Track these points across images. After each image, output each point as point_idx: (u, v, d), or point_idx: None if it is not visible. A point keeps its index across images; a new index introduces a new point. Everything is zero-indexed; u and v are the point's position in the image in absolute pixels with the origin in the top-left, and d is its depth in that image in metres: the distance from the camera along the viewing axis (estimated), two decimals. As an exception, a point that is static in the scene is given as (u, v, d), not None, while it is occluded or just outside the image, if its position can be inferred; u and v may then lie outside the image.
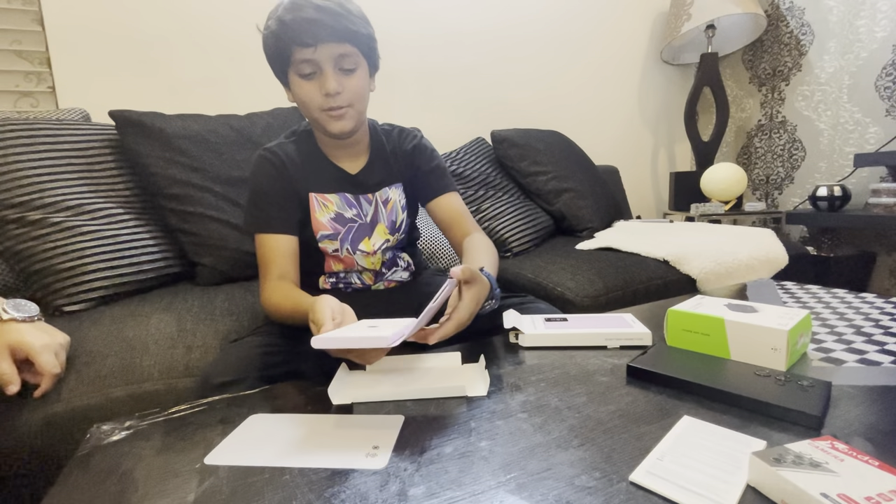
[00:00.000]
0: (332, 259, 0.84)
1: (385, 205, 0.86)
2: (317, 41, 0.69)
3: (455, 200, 0.88)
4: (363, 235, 0.83)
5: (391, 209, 0.86)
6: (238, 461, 0.40)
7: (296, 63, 0.72)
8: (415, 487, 0.35)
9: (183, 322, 0.86)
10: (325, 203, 0.82)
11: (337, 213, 0.82)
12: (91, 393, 0.71)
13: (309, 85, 0.73)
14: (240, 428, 0.46)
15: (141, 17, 1.36)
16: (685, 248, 1.24)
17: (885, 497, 0.29)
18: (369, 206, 0.84)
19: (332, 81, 0.71)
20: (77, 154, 1.05)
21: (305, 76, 0.73)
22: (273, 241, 0.77)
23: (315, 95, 0.73)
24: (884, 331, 0.62)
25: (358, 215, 0.83)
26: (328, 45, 0.70)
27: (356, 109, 0.76)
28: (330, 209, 0.82)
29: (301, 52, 0.70)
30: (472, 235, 0.83)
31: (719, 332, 0.54)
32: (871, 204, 1.68)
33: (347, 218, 0.83)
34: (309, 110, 0.75)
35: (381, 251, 0.85)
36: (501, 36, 1.93)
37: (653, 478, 0.34)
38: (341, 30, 0.70)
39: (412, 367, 0.59)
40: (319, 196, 0.81)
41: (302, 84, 0.73)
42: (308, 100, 0.74)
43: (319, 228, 0.81)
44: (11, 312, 0.66)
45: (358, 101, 0.76)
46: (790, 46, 2.05)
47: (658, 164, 2.42)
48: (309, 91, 0.73)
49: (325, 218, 0.81)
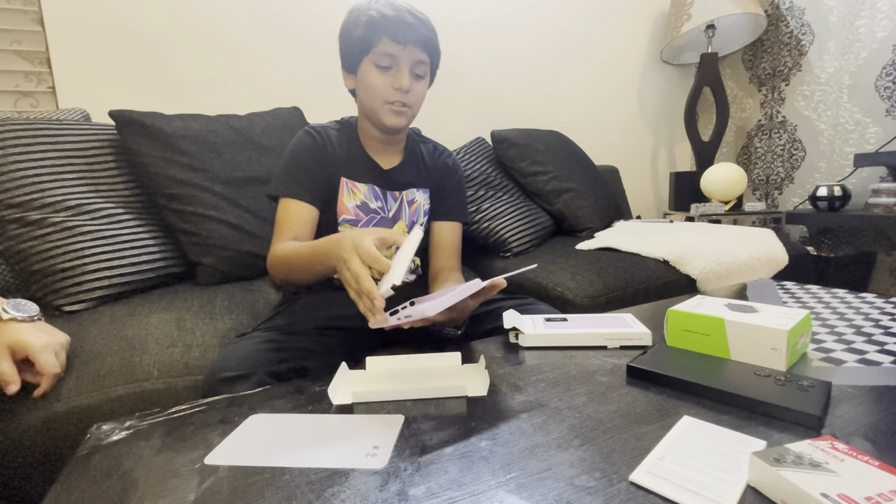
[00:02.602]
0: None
1: (410, 205, 0.89)
2: (407, 42, 0.77)
3: (457, 232, 0.93)
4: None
5: (415, 210, 0.90)
6: (238, 461, 0.40)
7: (378, 53, 0.77)
8: (415, 487, 0.35)
9: (183, 321, 0.86)
10: (354, 190, 0.85)
11: (363, 201, 0.85)
12: (91, 393, 0.71)
13: (382, 76, 0.79)
14: (240, 428, 0.46)
15: (141, 17, 1.36)
16: (685, 248, 1.24)
17: (885, 497, 0.29)
18: (394, 203, 0.88)
19: (406, 79, 0.78)
20: (77, 154, 1.05)
21: (382, 68, 0.78)
22: (295, 206, 0.80)
23: (386, 86, 0.79)
24: (884, 331, 0.62)
25: (382, 208, 0.87)
26: (414, 49, 0.78)
27: (413, 112, 0.83)
28: (357, 196, 0.85)
29: (389, 46, 0.77)
30: (454, 272, 0.88)
31: (719, 332, 0.54)
32: (871, 204, 1.68)
33: (371, 209, 0.86)
34: (373, 98, 0.80)
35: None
36: (501, 36, 1.93)
37: (653, 478, 0.34)
38: (427, 40, 0.79)
39: (412, 367, 0.59)
40: (350, 182, 0.85)
41: (376, 74, 0.79)
42: (379, 88, 0.79)
43: (343, 212, 0.84)
44: (11, 312, 0.66)
45: (417, 105, 0.83)
46: (790, 46, 2.05)
47: (658, 164, 2.42)
48: (381, 81, 0.79)
49: (350, 203, 0.84)
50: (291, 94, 1.54)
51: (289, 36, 1.55)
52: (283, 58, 1.55)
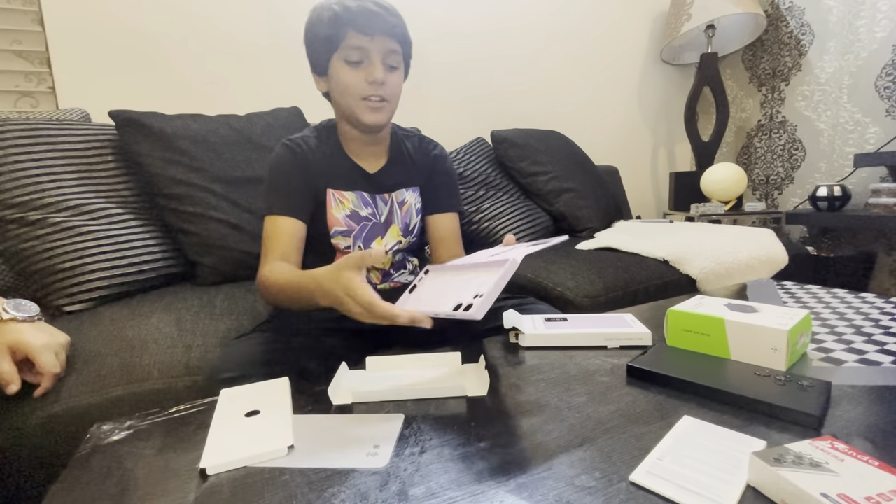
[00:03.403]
0: (343, 255, 0.84)
1: (401, 206, 0.87)
2: (374, 32, 0.73)
3: (455, 221, 0.91)
4: (376, 234, 0.84)
5: (406, 211, 0.87)
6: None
7: (346, 48, 0.74)
8: (415, 487, 0.35)
9: (183, 322, 0.86)
10: (342, 200, 0.83)
11: (353, 210, 0.83)
12: (91, 393, 0.71)
13: (354, 72, 0.76)
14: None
15: (141, 17, 1.36)
16: (685, 248, 1.24)
17: (885, 497, 0.29)
18: (385, 206, 0.85)
19: (379, 70, 0.75)
20: (77, 154, 1.05)
21: (352, 63, 0.75)
22: (280, 223, 0.77)
23: (359, 82, 0.76)
24: (884, 331, 0.62)
25: (373, 214, 0.84)
26: (383, 39, 0.75)
27: (391, 106, 0.79)
28: (346, 206, 0.83)
29: (356, 39, 0.73)
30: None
31: (719, 332, 0.54)
32: (871, 204, 1.68)
33: (363, 216, 0.84)
34: (348, 97, 0.77)
35: (392, 252, 0.86)
36: (501, 36, 1.93)
37: (653, 478, 0.34)
38: (395, 27, 0.75)
39: (412, 367, 0.59)
40: (337, 192, 0.82)
41: (347, 70, 0.76)
42: (351, 85, 0.76)
43: (334, 224, 0.82)
44: (12, 312, 0.66)
45: (394, 98, 0.79)
46: (790, 46, 2.05)
47: (658, 164, 2.42)
48: (354, 77, 0.76)
49: (340, 214, 0.82)
50: (291, 94, 1.54)
51: (289, 36, 1.55)
52: (283, 58, 1.55)
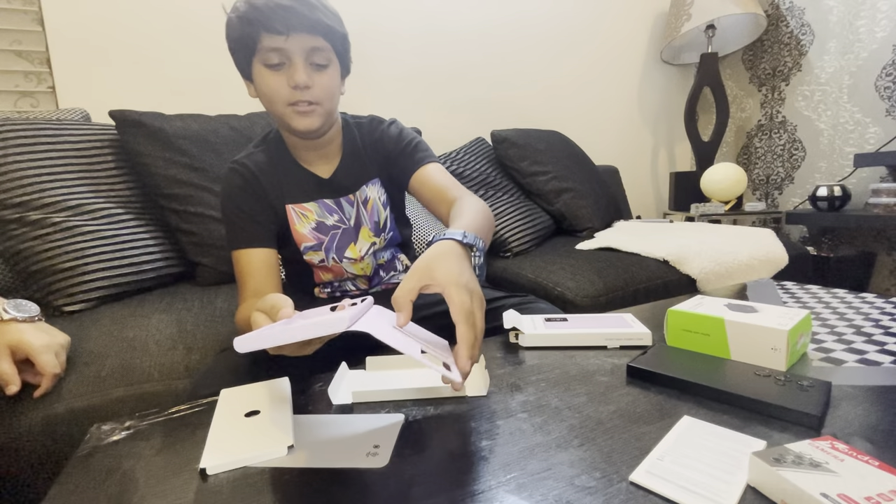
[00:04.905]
0: (320, 270, 0.82)
1: (365, 205, 0.81)
2: (289, 29, 0.65)
3: (436, 171, 0.79)
4: (348, 241, 0.80)
5: (372, 209, 0.81)
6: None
7: (263, 51, 0.66)
8: (415, 487, 0.35)
9: (183, 323, 0.86)
10: (304, 213, 0.78)
11: (318, 221, 0.78)
12: (91, 393, 0.71)
13: (275, 77, 0.68)
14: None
15: (141, 17, 1.36)
16: (685, 248, 1.24)
17: (885, 497, 0.29)
18: (351, 208, 0.80)
19: (301, 73, 0.67)
20: (77, 154, 1.05)
21: (272, 66, 0.67)
22: (246, 257, 0.72)
23: (281, 88, 0.68)
24: (884, 331, 0.62)
25: (341, 220, 0.80)
26: (301, 36, 0.66)
27: (325, 108, 0.71)
28: (310, 219, 0.78)
29: (270, 40, 0.65)
30: (458, 201, 0.70)
31: (719, 332, 0.54)
32: (871, 204, 1.68)
33: (329, 225, 0.79)
34: (273, 105, 0.70)
35: (371, 255, 0.82)
36: (502, 36, 1.93)
37: (653, 478, 0.34)
38: (316, 21, 0.66)
39: (412, 367, 0.59)
40: (297, 206, 0.77)
41: (268, 75, 0.68)
42: (273, 92, 0.68)
43: (302, 240, 0.78)
44: (12, 312, 0.66)
45: (327, 99, 0.71)
46: (790, 46, 2.05)
47: (658, 164, 2.42)
48: (275, 83, 0.68)
49: (305, 229, 0.78)
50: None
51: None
52: (283, 58, 1.55)
